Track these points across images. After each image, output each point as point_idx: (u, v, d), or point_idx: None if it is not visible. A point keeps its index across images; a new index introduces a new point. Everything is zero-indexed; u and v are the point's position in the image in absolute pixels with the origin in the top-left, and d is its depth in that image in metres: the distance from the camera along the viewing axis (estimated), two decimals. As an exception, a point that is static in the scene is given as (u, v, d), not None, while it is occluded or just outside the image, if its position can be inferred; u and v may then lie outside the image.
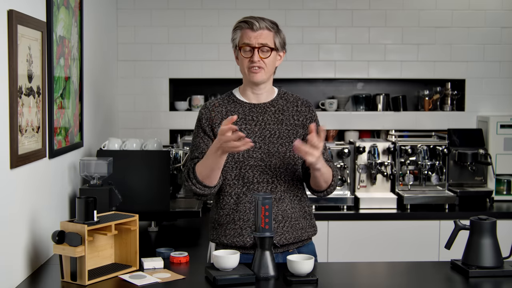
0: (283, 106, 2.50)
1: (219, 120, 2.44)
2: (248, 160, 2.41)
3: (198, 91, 4.49)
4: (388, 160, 3.99)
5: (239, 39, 2.45)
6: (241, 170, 2.41)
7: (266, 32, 2.41)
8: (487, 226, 2.29)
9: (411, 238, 3.75)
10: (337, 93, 4.55)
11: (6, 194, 2.10)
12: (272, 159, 2.42)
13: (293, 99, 2.54)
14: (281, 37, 2.47)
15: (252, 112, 2.47)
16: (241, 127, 2.43)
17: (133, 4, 4.31)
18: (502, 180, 4.12)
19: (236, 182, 2.43)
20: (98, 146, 3.41)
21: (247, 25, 2.41)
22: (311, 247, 2.55)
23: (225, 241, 2.42)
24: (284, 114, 2.48)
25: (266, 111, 2.48)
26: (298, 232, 2.45)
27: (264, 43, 2.40)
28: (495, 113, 4.39)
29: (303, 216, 2.48)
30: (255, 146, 2.42)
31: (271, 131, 2.45)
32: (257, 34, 2.40)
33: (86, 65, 3.24)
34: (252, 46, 2.40)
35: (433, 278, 2.30)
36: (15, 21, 2.12)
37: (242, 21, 2.44)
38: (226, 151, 2.24)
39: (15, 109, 2.12)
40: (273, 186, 2.42)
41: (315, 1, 4.36)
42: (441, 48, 4.41)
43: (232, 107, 2.47)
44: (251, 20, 2.41)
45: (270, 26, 2.43)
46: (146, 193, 3.03)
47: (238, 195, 2.42)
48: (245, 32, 2.42)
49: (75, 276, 2.14)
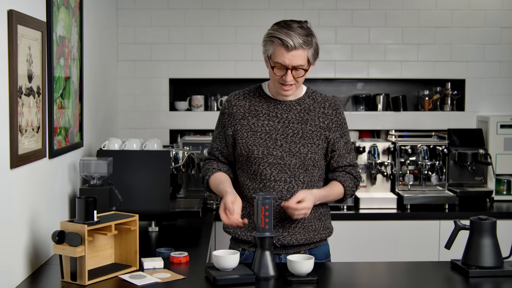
0: (310, 106, 2.44)
1: (241, 115, 2.44)
2: (267, 157, 2.39)
3: (198, 91, 4.49)
4: (388, 160, 3.99)
5: (271, 54, 2.31)
6: (259, 166, 2.40)
7: (300, 52, 2.27)
8: (487, 226, 2.29)
9: (411, 238, 3.75)
10: (337, 93, 4.55)
11: (6, 194, 2.10)
12: (292, 158, 2.39)
13: (321, 99, 2.47)
14: (314, 48, 2.32)
15: (276, 109, 2.43)
16: (264, 123, 2.41)
17: (133, 4, 4.31)
18: (502, 180, 4.12)
19: (254, 177, 2.41)
20: (98, 146, 3.41)
21: (280, 42, 2.26)
22: (324, 248, 2.52)
23: (239, 231, 2.43)
24: (310, 114, 2.43)
25: (291, 109, 2.43)
26: (311, 234, 2.43)
27: (298, 64, 2.28)
28: (495, 113, 4.39)
29: (318, 217, 2.46)
30: (276, 144, 2.39)
31: (294, 130, 2.41)
32: (291, 56, 2.27)
33: (86, 65, 3.24)
34: (285, 67, 2.29)
35: (433, 278, 2.30)
36: (15, 21, 2.12)
37: (275, 36, 2.27)
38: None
39: (15, 109, 2.13)
40: (290, 186, 2.40)
41: (315, 1, 4.36)
42: (441, 48, 4.41)
43: (257, 101, 2.45)
44: (285, 38, 2.24)
45: (305, 42, 2.27)
46: (146, 193, 3.03)
47: (255, 190, 2.41)
48: (278, 49, 2.28)
49: (75, 276, 2.14)
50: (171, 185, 3.24)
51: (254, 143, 2.40)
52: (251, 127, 2.42)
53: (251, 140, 2.41)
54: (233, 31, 4.35)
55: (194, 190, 3.86)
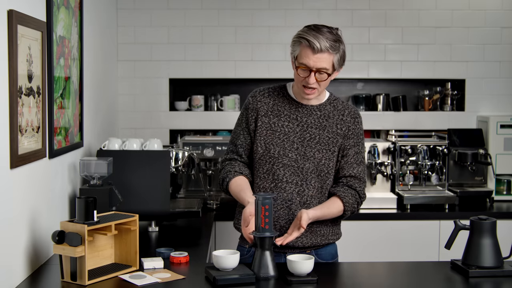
0: (330, 113, 2.47)
1: (264, 112, 2.45)
2: (282, 158, 2.41)
3: (198, 91, 4.49)
4: (388, 160, 3.99)
5: (297, 55, 2.34)
6: (273, 166, 2.41)
7: (326, 55, 2.29)
8: (487, 226, 2.29)
9: (411, 238, 3.75)
10: (337, 93, 4.48)
11: (6, 194, 2.10)
12: (306, 162, 2.41)
13: (341, 106, 2.50)
14: (341, 54, 2.33)
15: (297, 112, 2.45)
16: (284, 124, 2.43)
17: (133, 4, 4.31)
18: (502, 180, 4.12)
19: (266, 176, 2.43)
20: (98, 146, 3.41)
21: (307, 43, 2.28)
22: (330, 249, 2.52)
23: None
24: (329, 121, 2.45)
25: (311, 114, 2.45)
26: (318, 239, 2.44)
27: (322, 67, 2.30)
28: (495, 113, 4.39)
29: (326, 223, 2.45)
30: (292, 147, 2.41)
31: (311, 134, 2.43)
32: (317, 58, 2.29)
33: (86, 65, 3.24)
34: (309, 69, 2.32)
35: (433, 278, 2.30)
36: (15, 21, 2.12)
37: (303, 37, 2.30)
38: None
39: (15, 109, 2.12)
40: (301, 189, 2.41)
41: (315, 1, 4.36)
42: (441, 48, 4.41)
43: (280, 101, 2.46)
44: (313, 40, 2.27)
45: (332, 47, 2.29)
46: (146, 193, 3.03)
47: (266, 190, 2.42)
48: (304, 50, 2.30)
49: (75, 276, 2.14)
50: (171, 185, 3.24)
51: (272, 142, 2.42)
52: (271, 126, 2.44)
53: (269, 139, 2.43)
54: (233, 31, 4.35)
55: (194, 190, 3.86)
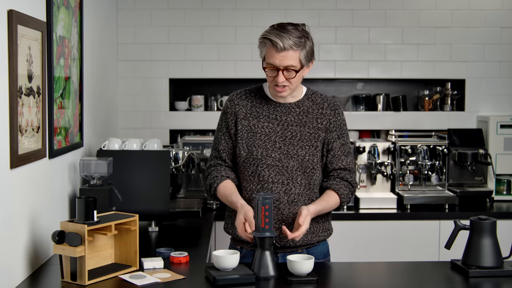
0: (309, 108, 2.44)
1: (243, 114, 2.44)
2: (266, 158, 2.40)
3: (198, 91, 4.49)
4: (388, 160, 3.99)
5: (264, 55, 2.34)
6: (257, 167, 2.40)
7: (291, 53, 2.27)
8: (487, 226, 2.29)
9: (411, 238, 3.75)
10: (337, 93, 4.55)
11: (6, 194, 2.10)
12: (290, 161, 2.39)
13: (320, 100, 2.47)
14: (308, 50, 2.31)
15: (276, 111, 2.44)
16: (264, 125, 2.42)
17: (133, 4, 4.31)
18: (502, 180, 4.12)
19: (252, 178, 2.41)
20: (98, 146, 3.41)
21: (271, 43, 2.28)
22: (322, 248, 2.51)
23: (236, 233, 2.40)
24: (308, 117, 2.43)
25: (290, 111, 2.43)
26: (308, 236, 2.43)
27: (288, 65, 2.29)
28: (495, 113, 4.39)
29: (316, 220, 2.44)
30: (275, 146, 2.40)
31: (292, 132, 2.41)
32: (282, 56, 2.27)
33: (86, 65, 3.24)
34: (277, 68, 2.30)
35: (433, 278, 2.30)
36: (15, 21, 2.12)
37: (266, 37, 2.30)
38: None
39: (15, 109, 2.12)
40: (288, 188, 2.40)
41: (315, 1, 4.36)
42: (441, 48, 4.41)
43: (258, 102, 2.46)
44: (276, 39, 2.26)
45: (296, 44, 2.27)
46: (146, 193, 3.03)
47: (252, 192, 2.41)
48: (269, 50, 2.30)
49: (75, 276, 2.14)
50: (171, 185, 3.24)
51: (254, 144, 2.41)
52: (252, 128, 2.43)
53: (251, 141, 2.42)
54: (233, 31, 4.35)
55: (194, 190, 3.86)
